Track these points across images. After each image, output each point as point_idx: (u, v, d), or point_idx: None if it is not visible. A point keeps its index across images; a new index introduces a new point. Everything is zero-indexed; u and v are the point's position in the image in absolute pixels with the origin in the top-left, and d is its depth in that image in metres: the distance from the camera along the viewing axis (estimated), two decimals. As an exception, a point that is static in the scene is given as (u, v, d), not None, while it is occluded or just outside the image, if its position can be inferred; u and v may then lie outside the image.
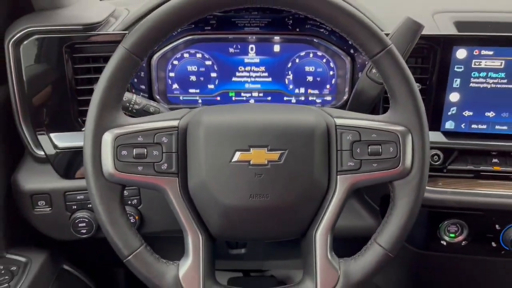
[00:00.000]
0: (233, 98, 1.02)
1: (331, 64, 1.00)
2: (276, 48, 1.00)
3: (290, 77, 1.01)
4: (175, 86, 1.00)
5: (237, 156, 0.64)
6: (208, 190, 0.65)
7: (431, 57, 0.88)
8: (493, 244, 0.91)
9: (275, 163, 0.65)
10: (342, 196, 0.67)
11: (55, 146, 0.89)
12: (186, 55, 0.99)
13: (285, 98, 1.03)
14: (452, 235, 0.92)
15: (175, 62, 0.99)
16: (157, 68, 0.98)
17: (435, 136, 0.91)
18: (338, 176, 0.67)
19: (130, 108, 0.81)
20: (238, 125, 0.66)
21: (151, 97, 0.99)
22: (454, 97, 0.89)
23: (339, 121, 0.68)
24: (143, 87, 0.99)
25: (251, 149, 0.64)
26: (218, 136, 0.65)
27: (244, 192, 0.65)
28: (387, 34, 0.78)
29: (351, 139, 0.67)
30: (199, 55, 0.99)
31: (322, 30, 0.97)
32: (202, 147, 0.65)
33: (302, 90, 1.02)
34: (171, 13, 0.63)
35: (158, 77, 0.99)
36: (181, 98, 1.01)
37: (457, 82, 0.88)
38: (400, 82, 0.65)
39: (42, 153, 0.89)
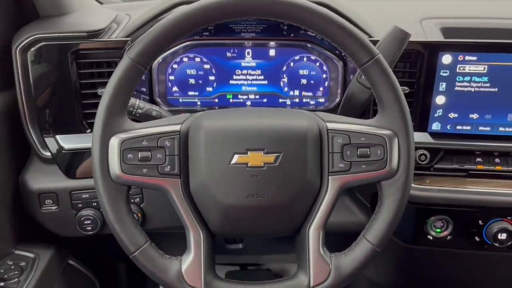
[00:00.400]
0: (231, 100, 1.06)
1: (324, 68, 1.05)
2: (272, 52, 1.04)
3: (285, 80, 1.06)
4: (175, 88, 1.05)
5: (236, 158, 0.69)
6: (208, 190, 0.70)
7: (418, 62, 0.93)
8: (477, 239, 0.97)
9: (271, 165, 0.70)
10: (333, 195, 0.72)
11: (61, 148, 0.93)
12: (185, 59, 1.03)
13: (280, 100, 1.07)
14: (438, 230, 0.97)
15: (175, 66, 1.03)
16: (158, 72, 1.02)
17: (422, 137, 0.96)
18: (330, 177, 0.72)
19: (133, 113, 0.86)
20: (236, 130, 0.70)
21: (151, 100, 1.03)
22: (440, 100, 0.94)
23: (330, 125, 0.73)
24: (144, 89, 1.03)
25: (249, 152, 0.69)
26: (218, 139, 0.70)
27: (242, 192, 0.69)
28: (376, 41, 0.83)
29: (341, 142, 0.72)
30: (198, 59, 1.03)
31: (315, 35, 1.02)
32: (203, 150, 0.70)
33: (297, 92, 1.07)
34: (174, 25, 0.67)
35: (158, 80, 1.03)
36: (180, 100, 1.06)
37: (443, 86, 0.93)
38: (387, 89, 0.70)
39: (49, 154, 0.94)
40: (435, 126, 0.96)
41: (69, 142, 0.93)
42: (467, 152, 0.97)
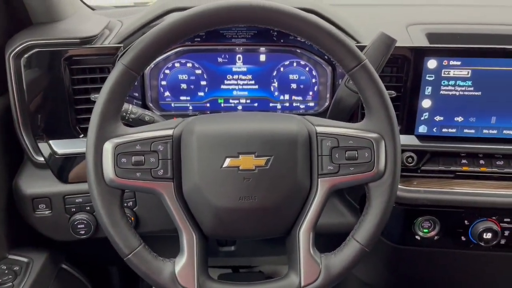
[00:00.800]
0: (222, 105, 1.08)
1: (314, 73, 1.07)
2: (262, 57, 1.06)
3: (275, 84, 1.08)
4: (167, 93, 1.06)
5: (227, 162, 0.71)
6: (201, 194, 0.71)
7: (404, 66, 0.95)
8: (463, 238, 0.99)
9: (262, 168, 0.71)
10: (323, 197, 0.74)
11: (54, 152, 0.94)
12: (177, 64, 1.05)
13: (270, 104, 1.09)
14: (425, 230, 1.00)
15: (167, 71, 1.05)
16: (150, 77, 1.04)
17: (409, 140, 0.99)
18: (319, 179, 0.74)
19: (126, 118, 0.87)
20: (227, 134, 0.72)
21: (144, 104, 1.05)
22: (426, 103, 0.97)
23: (319, 129, 0.75)
24: (136, 94, 1.05)
25: (240, 155, 0.71)
26: (210, 144, 0.71)
27: (234, 195, 0.71)
28: (363, 47, 0.86)
29: (330, 145, 0.74)
30: (189, 65, 1.05)
31: (304, 41, 1.04)
32: (195, 154, 0.71)
33: (287, 96, 1.09)
34: (168, 32, 0.69)
35: (151, 86, 1.05)
36: (172, 105, 1.07)
37: (428, 90, 0.96)
38: (374, 93, 0.72)
39: (42, 159, 0.94)
40: (422, 129, 0.99)
41: (62, 147, 0.95)
42: (453, 154, 0.99)
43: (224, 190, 0.71)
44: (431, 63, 0.94)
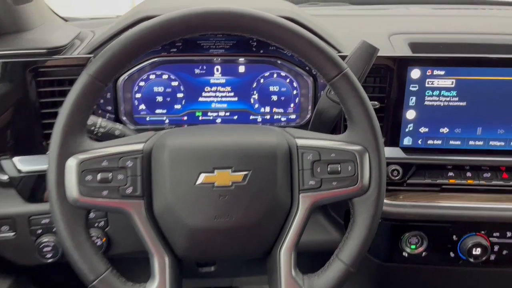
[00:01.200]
0: (200, 118, 1.04)
1: (295, 84, 1.03)
2: (241, 69, 1.02)
3: (256, 96, 1.04)
4: (142, 107, 1.01)
5: (202, 178, 0.66)
6: (174, 213, 0.66)
7: (387, 77, 0.92)
8: (451, 254, 0.96)
9: (239, 184, 0.67)
10: (305, 214, 0.69)
11: (18, 171, 0.88)
12: (152, 76, 1.00)
13: (251, 117, 1.05)
14: (413, 246, 0.96)
15: (142, 84, 1.00)
16: (124, 90, 0.99)
17: (394, 152, 0.95)
18: (300, 195, 0.69)
19: (95, 132, 0.82)
20: (202, 148, 0.67)
21: (117, 118, 1.00)
22: (410, 114, 0.94)
23: (300, 142, 0.71)
24: (109, 108, 1.00)
25: (215, 171, 0.66)
26: (183, 158, 0.67)
27: (209, 213, 0.66)
28: (345, 56, 0.83)
29: (311, 158, 0.69)
30: (165, 76, 1.01)
31: (285, 51, 1.01)
32: (167, 170, 0.66)
33: (267, 109, 1.05)
34: (135, 40, 0.64)
35: (124, 99, 0.99)
36: (147, 118, 1.02)
37: (412, 101, 0.93)
38: (356, 103, 0.69)
39: (6, 177, 0.88)
40: (407, 141, 0.96)
41: (27, 164, 0.89)
42: (439, 167, 0.96)
43: (198, 208, 0.66)
44: (415, 73, 0.91)
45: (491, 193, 0.95)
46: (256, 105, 1.05)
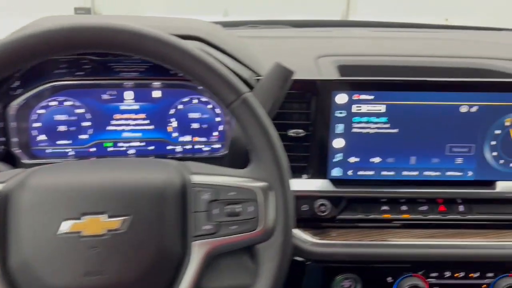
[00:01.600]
0: (109, 149, 0.92)
1: (217, 110, 0.94)
2: (157, 94, 0.92)
3: (174, 124, 0.94)
4: (41, 137, 0.89)
5: (65, 226, 0.54)
6: (32, 270, 0.54)
7: (312, 102, 0.84)
8: (388, 298, 0.86)
9: (116, 232, 0.55)
10: (200, 265, 0.58)
11: None
12: (53, 103, 0.89)
13: (168, 147, 0.95)
14: (346, 290, 0.86)
15: (41, 111, 0.88)
16: (17, 119, 0.87)
17: (322, 185, 0.86)
18: (194, 242, 0.59)
19: None
20: (68, 188, 0.56)
21: (7, 152, 0.87)
22: (338, 143, 0.85)
23: (196, 178, 0.61)
24: (3, 139, 0.87)
25: (83, 217, 0.55)
26: (44, 202, 0.55)
27: (77, 270, 0.54)
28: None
29: (208, 198, 0.59)
30: (69, 103, 0.89)
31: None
32: (24, 217, 0.55)
33: (188, 138, 0.95)
34: None
35: (18, 129, 0.87)
36: (47, 151, 0.90)
37: (339, 128, 0.85)
38: (258, 133, 0.59)
39: None
40: (336, 172, 0.87)
41: None
42: (372, 200, 0.88)
43: (63, 264, 0.54)
44: (340, 98, 0.83)
45: (427, 228, 0.87)
46: (175, 134, 0.94)
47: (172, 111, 0.93)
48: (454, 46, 1.06)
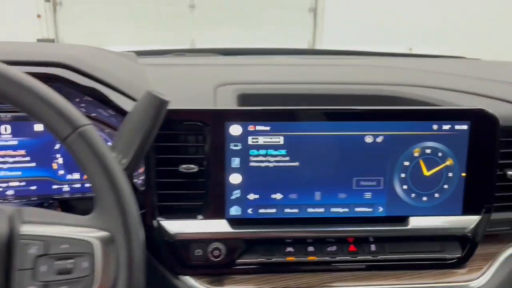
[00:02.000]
0: (-19, 191, 0.82)
1: (109, 144, 0.85)
2: (39, 127, 0.83)
3: (60, 161, 0.84)
4: None
5: None
6: None
7: (205, 134, 0.76)
8: None
9: None
10: None
11: None
12: None
13: (54, 187, 0.85)
14: None
15: None
16: None
17: (219, 226, 0.77)
18: None
19: None
20: None
21: None
22: (235, 178, 0.77)
23: (25, 229, 0.51)
24: None
25: None
26: None
27: None
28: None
29: (35, 253, 0.49)
30: None
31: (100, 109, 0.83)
32: None
33: (76, 175, 0.86)
34: None
35: None
36: None
37: (236, 162, 0.77)
38: (98, 172, 0.51)
39: None
40: (234, 211, 0.78)
41: None
42: (275, 241, 0.79)
43: None
44: (234, 129, 0.75)
45: (336, 271, 0.78)
46: (61, 172, 0.85)
47: (57, 146, 0.84)
48: (364, 72, 1.01)
